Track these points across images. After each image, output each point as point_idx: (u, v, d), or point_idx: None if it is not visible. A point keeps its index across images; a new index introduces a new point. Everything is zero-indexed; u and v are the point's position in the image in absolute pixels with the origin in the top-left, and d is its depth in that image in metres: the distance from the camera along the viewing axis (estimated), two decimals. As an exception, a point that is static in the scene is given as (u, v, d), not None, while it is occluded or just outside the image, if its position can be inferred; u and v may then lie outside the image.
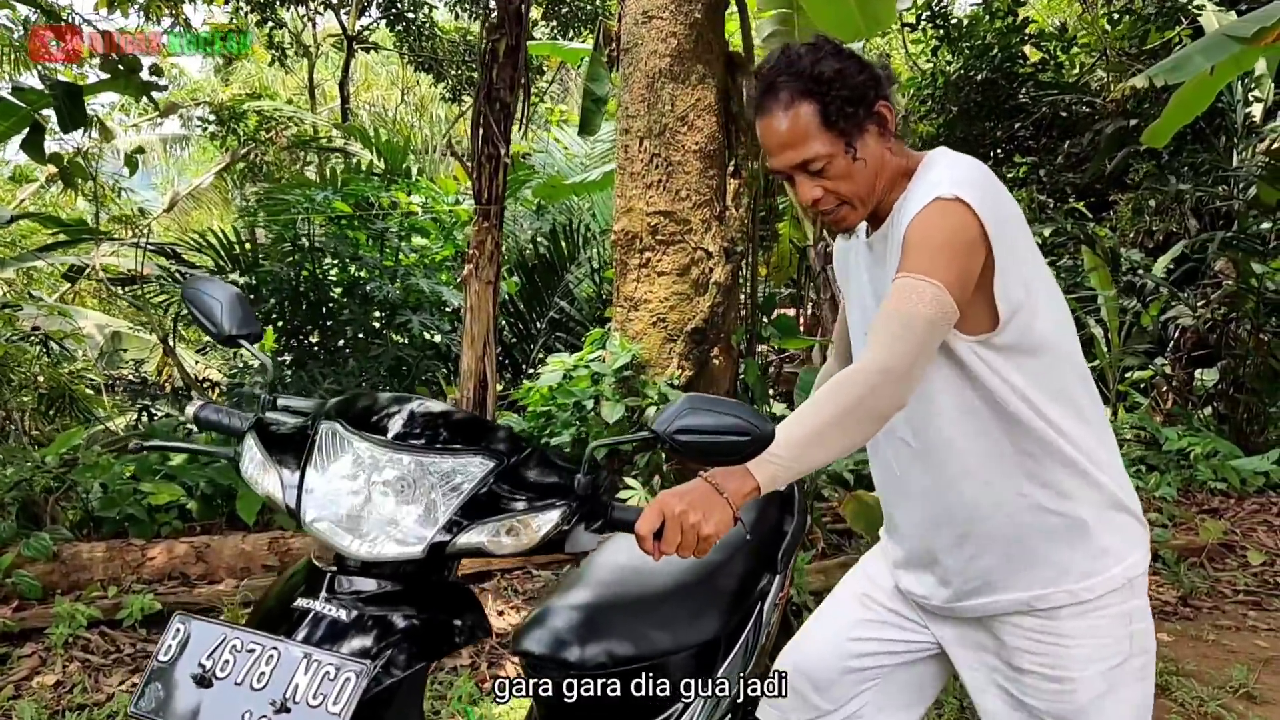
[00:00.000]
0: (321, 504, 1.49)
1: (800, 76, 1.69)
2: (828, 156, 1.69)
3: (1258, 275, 7.38)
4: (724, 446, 1.41)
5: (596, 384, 5.69)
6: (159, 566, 4.68)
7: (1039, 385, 1.71)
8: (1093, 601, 1.72)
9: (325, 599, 1.46)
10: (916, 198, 1.67)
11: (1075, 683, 1.71)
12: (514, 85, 4.91)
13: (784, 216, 9.73)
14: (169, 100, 14.29)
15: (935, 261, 1.58)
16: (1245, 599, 4.93)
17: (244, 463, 1.62)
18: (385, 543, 1.45)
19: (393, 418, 1.54)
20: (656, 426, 1.43)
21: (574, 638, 1.87)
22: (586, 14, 13.46)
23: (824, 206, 1.76)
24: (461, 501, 1.47)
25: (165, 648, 1.40)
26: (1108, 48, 8.76)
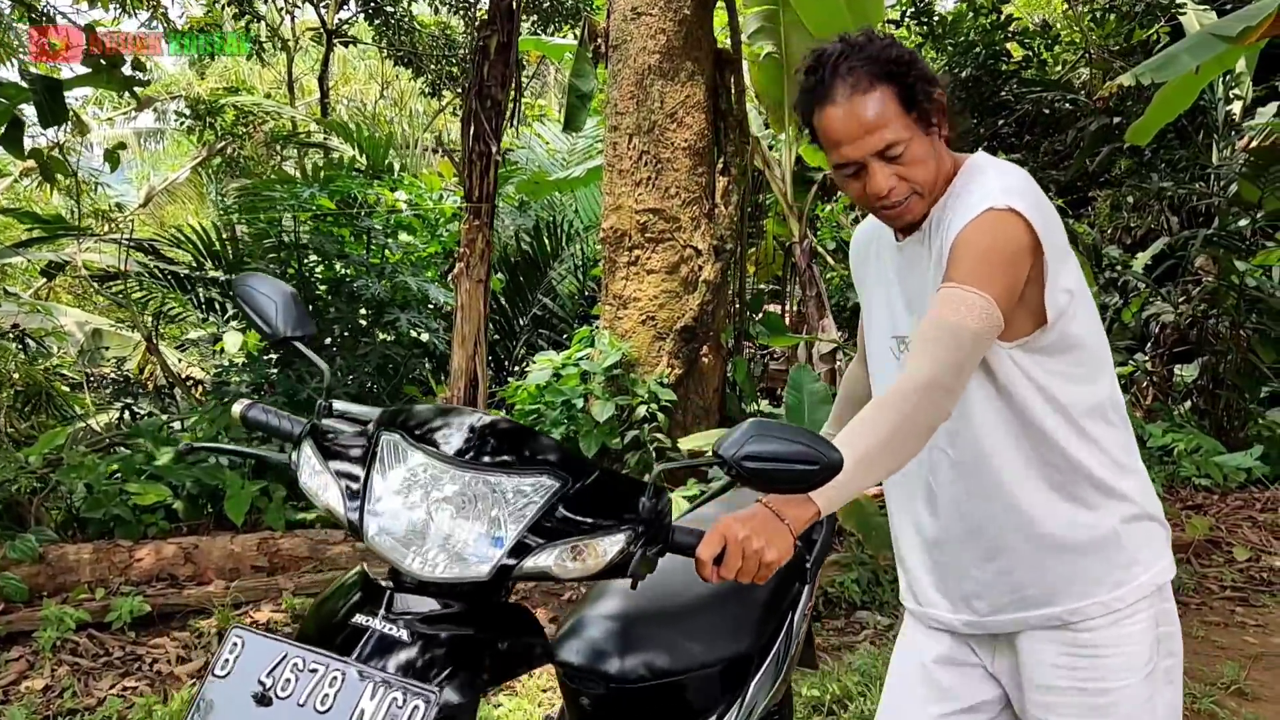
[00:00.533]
0: (384, 520, 1.46)
1: (875, 60, 1.64)
2: (907, 140, 1.64)
3: (1239, 272, 7.44)
4: (793, 475, 1.36)
5: (586, 382, 5.67)
6: (147, 568, 4.63)
7: (1070, 389, 1.70)
8: (1123, 610, 1.71)
9: (384, 617, 1.43)
10: (966, 205, 1.64)
11: (1112, 694, 1.69)
12: (505, 83, 4.87)
13: (769, 213, 9.74)
14: (145, 94, 14.12)
15: (984, 272, 1.56)
16: (1232, 595, 4.98)
17: (300, 472, 1.58)
18: (449, 564, 1.42)
19: (454, 432, 1.51)
20: (723, 451, 1.38)
21: (613, 649, 1.85)
22: (568, 8, 13.40)
23: (897, 197, 1.67)
24: (529, 524, 1.43)
25: (222, 661, 1.36)
26: (1091, 46, 8.81)
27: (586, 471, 1.51)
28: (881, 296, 1.89)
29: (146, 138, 20.66)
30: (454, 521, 1.44)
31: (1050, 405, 1.69)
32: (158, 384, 7.60)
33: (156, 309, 7.73)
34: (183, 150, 19.35)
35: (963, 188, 1.70)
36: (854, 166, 1.67)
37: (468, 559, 1.42)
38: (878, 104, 1.62)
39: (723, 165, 6.04)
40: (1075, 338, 1.70)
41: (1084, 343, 1.72)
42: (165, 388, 7.41)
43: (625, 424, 5.56)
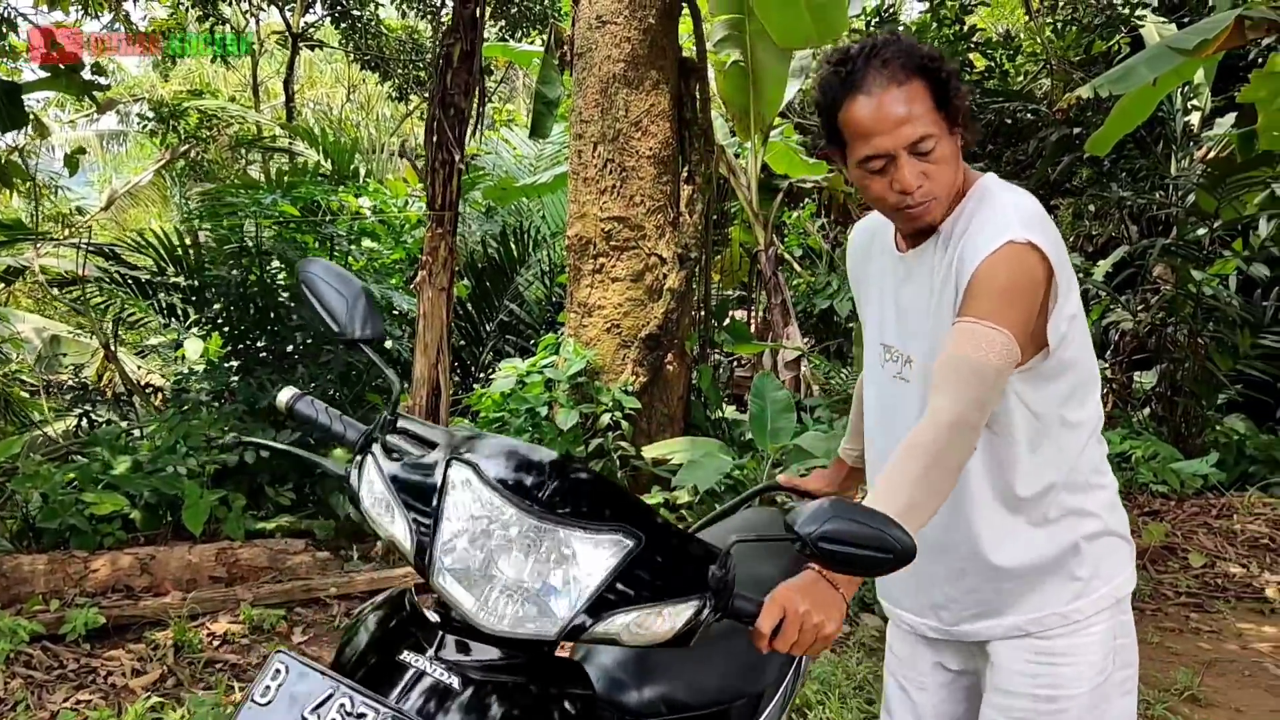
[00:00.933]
0: (452, 563, 1.39)
1: (910, 53, 1.63)
2: (937, 137, 1.62)
3: (1195, 281, 7.55)
4: (866, 561, 1.33)
5: (550, 390, 5.67)
6: (102, 579, 4.57)
7: (1062, 413, 1.72)
8: (1081, 621, 1.74)
9: (433, 659, 1.37)
10: (984, 232, 1.63)
11: (1061, 700, 1.73)
12: (468, 90, 4.86)
13: (734, 221, 9.77)
14: (107, 97, 13.96)
15: (1004, 308, 1.56)
16: (1187, 601, 5.04)
17: (362, 492, 1.48)
18: (517, 619, 1.36)
19: (529, 473, 1.45)
20: (800, 528, 1.34)
21: (629, 679, 1.80)
22: (535, 14, 13.40)
23: (922, 195, 1.65)
24: (603, 584, 1.38)
25: (264, 689, 1.29)
26: (1051, 57, 8.91)
27: (658, 530, 1.46)
28: (875, 300, 1.89)
29: (109, 140, 20.44)
30: (524, 573, 1.38)
31: (1037, 432, 1.71)
32: (116, 391, 7.51)
33: (116, 315, 7.63)
34: (146, 153, 19.15)
35: (976, 210, 1.69)
36: (882, 160, 1.64)
37: (537, 616, 1.37)
38: (913, 96, 1.61)
39: (687, 173, 6.05)
40: (1070, 361, 1.71)
41: (1078, 365, 1.73)
42: (124, 395, 7.32)
43: (589, 432, 5.57)
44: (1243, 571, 5.38)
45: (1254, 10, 5.91)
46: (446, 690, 1.34)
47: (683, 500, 5.13)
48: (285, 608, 4.48)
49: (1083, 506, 1.76)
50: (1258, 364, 7.65)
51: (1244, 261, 7.89)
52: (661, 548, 1.45)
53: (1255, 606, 5.00)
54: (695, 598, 1.42)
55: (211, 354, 6.51)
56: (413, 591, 1.53)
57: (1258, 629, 4.71)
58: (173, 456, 5.21)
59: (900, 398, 1.79)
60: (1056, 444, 1.73)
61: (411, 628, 1.44)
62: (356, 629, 1.52)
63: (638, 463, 5.54)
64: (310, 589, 4.61)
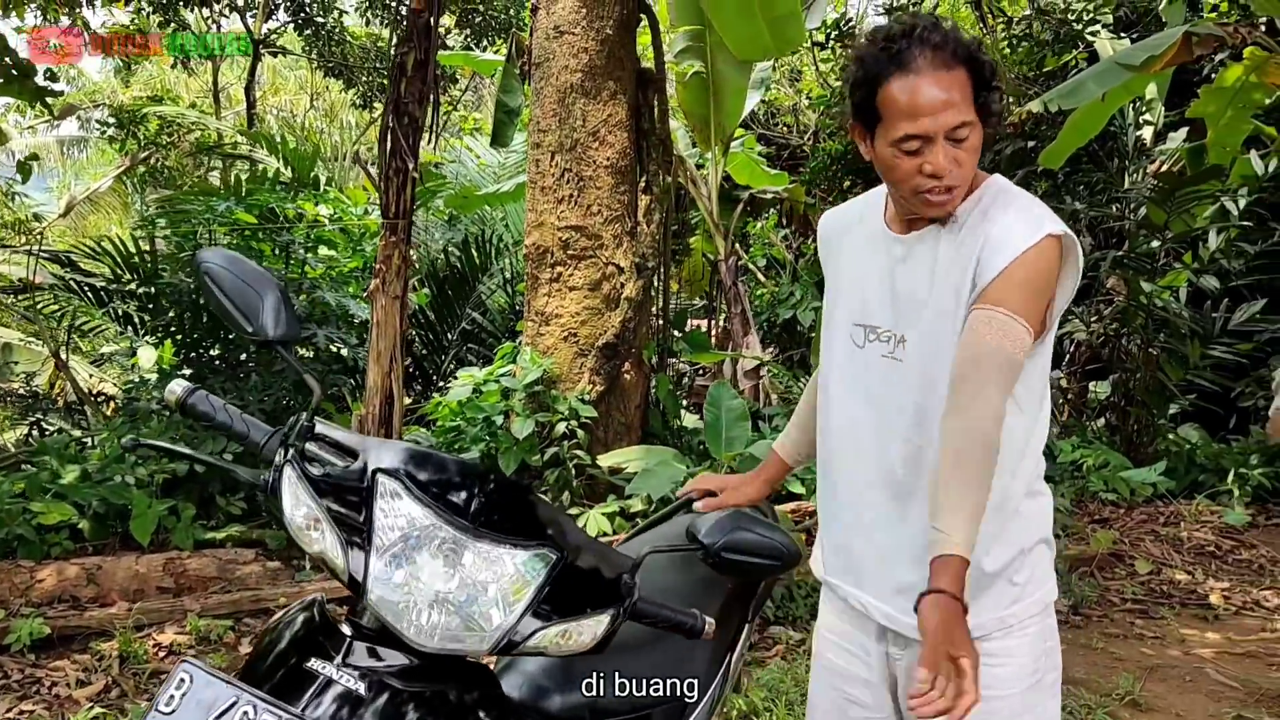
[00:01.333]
0: (384, 579, 1.38)
1: (957, 41, 1.65)
2: (973, 125, 1.64)
3: (1146, 293, 7.67)
4: (762, 568, 1.50)
5: (507, 399, 5.67)
6: (48, 589, 4.51)
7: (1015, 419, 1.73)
8: (1015, 626, 1.78)
9: (340, 665, 1.37)
10: (1020, 225, 1.66)
11: (993, 701, 1.73)
12: (423, 99, 4.87)
13: (696, 230, 9.82)
14: (66, 102, 13.83)
15: (1030, 302, 1.63)
16: (1133, 607, 5.12)
17: (287, 505, 1.42)
18: (449, 636, 1.37)
19: (455, 486, 1.45)
20: (704, 538, 1.49)
21: (553, 685, 1.80)
22: (500, 23, 13.42)
23: (949, 181, 1.65)
24: (532, 599, 1.41)
25: (168, 698, 1.28)
26: (1006, 71, 9.03)
27: (578, 542, 1.49)
28: (856, 282, 1.87)
29: (70, 146, 20.22)
30: (451, 586, 1.38)
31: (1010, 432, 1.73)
32: (68, 400, 7.43)
33: (70, 323, 7.55)
34: (107, 159, 18.96)
35: (995, 202, 1.71)
36: (918, 142, 1.64)
37: (466, 631, 1.38)
38: (957, 82, 1.63)
39: (645, 183, 6.09)
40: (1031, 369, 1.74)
41: (1036, 371, 1.77)
42: (75, 404, 7.24)
43: (545, 440, 5.57)
44: (1188, 578, 5.47)
45: (1200, 27, 6.04)
46: (356, 698, 1.34)
47: (636, 509, 5.15)
48: (233, 618, 4.45)
49: (1027, 512, 1.80)
50: (1207, 374, 7.78)
51: (1194, 273, 8.03)
52: (581, 559, 1.49)
53: (1199, 613, 5.08)
54: (613, 607, 1.48)
55: (165, 362, 6.46)
56: (323, 601, 1.53)
57: (1200, 635, 4.78)
58: (121, 466, 5.17)
59: (892, 376, 1.79)
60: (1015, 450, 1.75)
61: (320, 637, 1.43)
62: (266, 639, 1.51)
63: (594, 471, 5.55)
64: (259, 599, 4.58)
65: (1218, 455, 7.33)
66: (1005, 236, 1.65)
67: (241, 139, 11.42)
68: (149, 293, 7.04)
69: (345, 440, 1.53)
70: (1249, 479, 6.85)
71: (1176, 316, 7.78)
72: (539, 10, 5.96)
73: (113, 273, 7.53)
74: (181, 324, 6.52)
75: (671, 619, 1.57)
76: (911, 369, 1.76)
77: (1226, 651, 4.56)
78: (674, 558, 2.13)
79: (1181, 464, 7.30)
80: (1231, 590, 5.35)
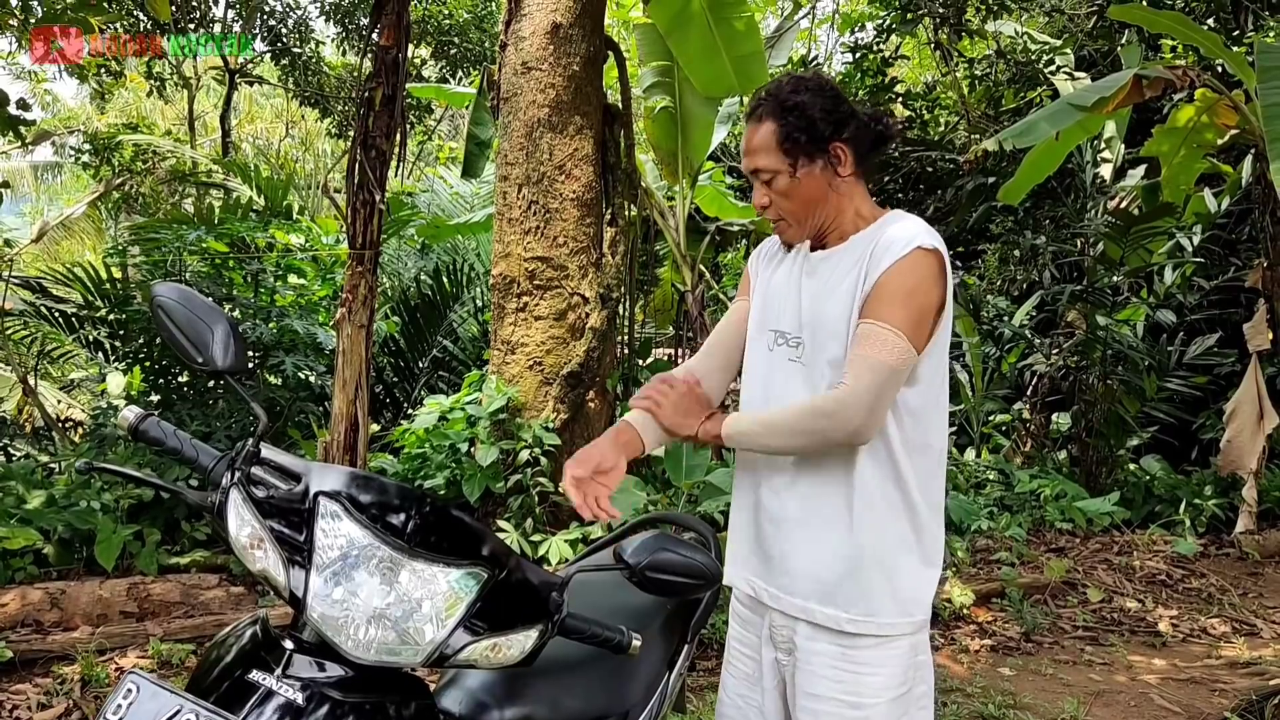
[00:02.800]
0: (323, 596, 1.45)
1: (774, 99, 1.96)
2: (774, 172, 1.95)
3: (1104, 327, 7.84)
4: (685, 587, 1.60)
5: (472, 426, 5.74)
6: (11, 613, 4.53)
7: (910, 433, 1.92)
8: (892, 637, 1.92)
9: (280, 677, 1.44)
10: (895, 242, 1.88)
11: (869, 709, 1.89)
12: (390, 133, 4.97)
13: (664, 262, 9.94)
14: (41, 128, 13.83)
15: (904, 312, 1.83)
16: (1083, 634, 5.23)
17: (231, 525, 1.50)
18: (385, 649, 1.45)
19: (392, 509, 1.53)
20: (629, 558, 1.58)
21: (493, 700, 1.86)
22: (475, 55, 13.57)
23: (769, 215, 2.01)
24: (464, 615, 1.50)
25: (115, 707, 1.35)
26: (968, 109, 9.25)
27: (509, 561, 1.58)
28: (775, 293, 2.09)
29: (44, 171, 20.17)
30: (388, 602, 1.46)
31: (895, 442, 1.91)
32: (36, 425, 7.44)
33: (40, 349, 7.57)
34: (81, 184, 18.93)
35: (885, 226, 1.94)
36: (751, 179, 2.01)
37: (400, 644, 1.46)
38: (760, 135, 1.97)
39: (610, 216, 6.20)
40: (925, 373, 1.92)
41: (931, 379, 1.94)
42: (43, 429, 7.25)
43: (509, 468, 5.64)
44: (1138, 606, 5.58)
45: (1149, 70, 6.24)
46: (295, 708, 1.41)
47: (597, 535, 5.22)
48: (196, 643, 4.48)
49: (923, 534, 1.95)
50: (1165, 407, 7.95)
51: (1151, 308, 8.21)
52: (512, 577, 1.58)
53: (1148, 640, 5.20)
54: (541, 623, 1.58)
55: (134, 389, 6.49)
56: (266, 618, 1.60)
57: (1148, 661, 4.89)
58: (87, 491, 5.19)
59: (794, 376, 1.99)
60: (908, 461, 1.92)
61: (262, 651, 1.50)
62: (212, 653, 1.58)
63: (557, 498, 5.62)
64: (222, 624, 4.61)
65: (1174, 486, 7.49)
66: (884, 251, 1.87)
67: (216, 167, 11.47)
68: (119, 319, 7.07)
69: (289, 464, 1.59)
70: (1203, 509, 7.00)
71: (1134, 350, 7.95)
72: (508, 47, 6.09)
73: (84, 299, 7.56)
74: (151, 351, 6.56)
75: (599, 634, 1.66)
76: (806, 371, 1.96)
77: (1171, 678, 4.68)
78: (619, 583, 2.22)
79: (1139, 494, 7.46)
80: (1180, 618, 5.47)
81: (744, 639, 2.13)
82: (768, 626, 2.03)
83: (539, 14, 5.91)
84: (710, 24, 6.51)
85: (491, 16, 13.50)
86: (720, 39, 6.60)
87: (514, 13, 6.05)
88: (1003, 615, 5.31)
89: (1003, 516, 6.64)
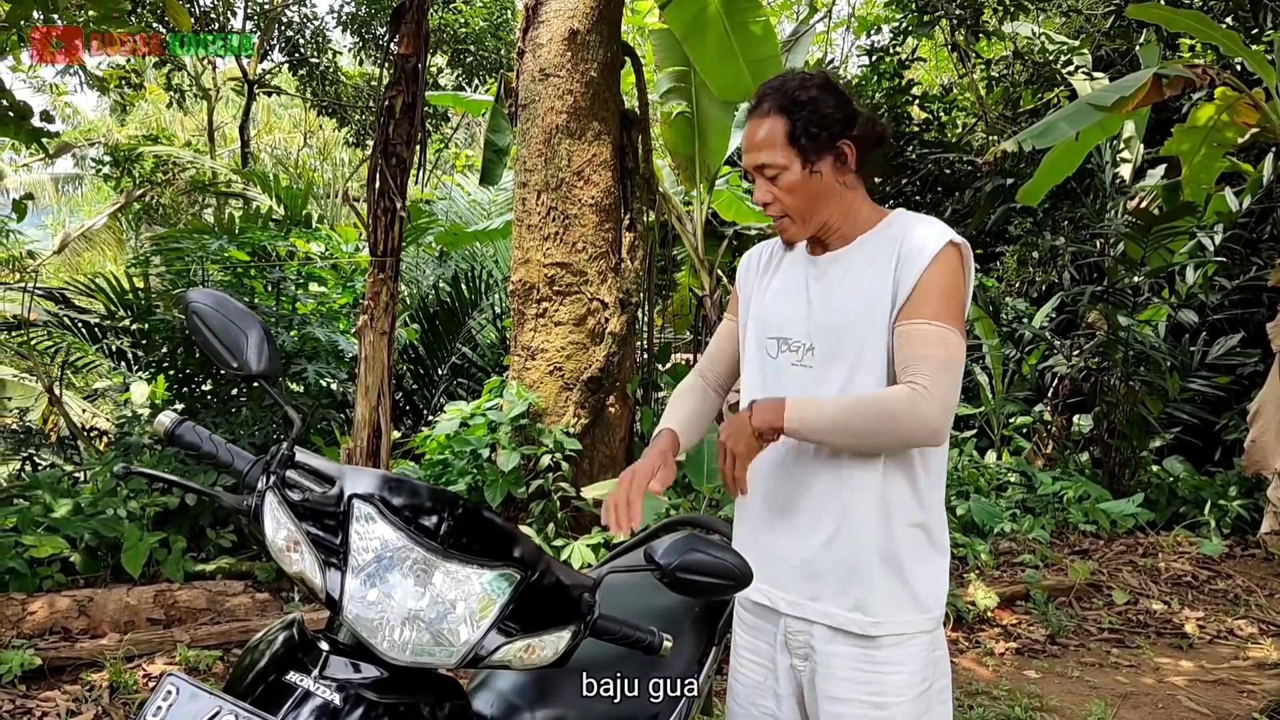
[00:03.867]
0: (359, 597, 1.46)
1: (782, 94, 1.92)
2: (781, 167, 1.90)
3: (1126, 327, 7.80)
4: (714, 587, 1.59)
5: (493, 432, 5.75)
6: (39, 621, 4.57)
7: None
8: (910, 634, 1.92)
9: (317, 678, 1.45)
10: (927, 240, 1.88)
11: (893, 707, 1.89)
12: (410, 140, 5.00)
13: (682, 267, 9.95)
14: (62, 140, 13.97)
15: (952, 307, 1.85)
16: (1109, 637, 5.20)
17: (268, 528, 1.50)
18: (420, 649, 1.47)
19: (425, 511, 1.54)
20: (660, 559, 1.57)
21: (524, 702, 1.88)
22: (491, 63, 13.62)
23: (771, 212, 1.96)
24: (497, 616, 1.51)
25: (155, 709, 1.36)
26: (986, 111, 9.22)
27: (542, 563, 1.59)
28: (776, 298, 2.07)
29: (64, 183, 20.37)
30: (423, 603, 1.48)
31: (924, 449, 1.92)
32: (61, 435, 7.50)
33: (64, 359, 7.64)
34: (102, 196, 19.12)
35: (903, 223, 1.95)
36: (753, 175, 1.97)
37: (435, 645, 1.47)
38: (766, 129, 1.92)
39: (629, 221, 6.21)
40: None
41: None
42: (68, 439, 7.31)
43: (531, 473, 5.65)
44: (1164, 608, 5.55)
45: (1169, 69, 6.21)
46: (332, 708, 1.42)
47: (619, 540, 5.22)
48: (223, 649, 4.51)
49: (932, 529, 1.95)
50: (1187, 407, 7.89)
51: (1173, 308, 8.16)
52: (544, 579, 1.59)
53: (1174, 642, 5.17)
54: (574, 624, 1.59)
55: (157, 397, 6.54)
56: (302, 619, 1.61)
57: (1175, 663, 4.86)
58: (114, 499, 5.23)
59: (796, 382, 1.97)
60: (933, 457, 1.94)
61: (299, 652, 1.51)
62: (247, 656, 1.59)
63: (578, 503, 5.63)
64: (248, 630, 4.64)
65: (1198, 487, 7.44)
66: (920, 245, 1.87)
67: (235, 177, 11.56)
68: (142, 329, 7.13)
69: (323, 468, 1.59)
70: (1227, 510, 6.95)
71: (1156, 350, 7.90)
72: (525, 54, 6.11)
73: (106, 309, 7.63)
74: (174, 360, 6.61)
75: (630, 635, 1.66)
76: (816, 374, 1.94)
77: (1199, 679, 4.65)
78: (647, 585, 2.23)
79: (1162, 496, 7.41)
80: (1206, 619, 5.43)
81: (752, 647, 2.11)
82: (782, 633, 2.01)
83: (557, 21, 5.94)
84: (727, 28, 6.52)
85: (507, 24, 13.56)
86: (736, 43, 6.61)
87: (531, 20, 6.07)
88: (1027, 618, 5.28)
89: (1025, 519, 6.61)
